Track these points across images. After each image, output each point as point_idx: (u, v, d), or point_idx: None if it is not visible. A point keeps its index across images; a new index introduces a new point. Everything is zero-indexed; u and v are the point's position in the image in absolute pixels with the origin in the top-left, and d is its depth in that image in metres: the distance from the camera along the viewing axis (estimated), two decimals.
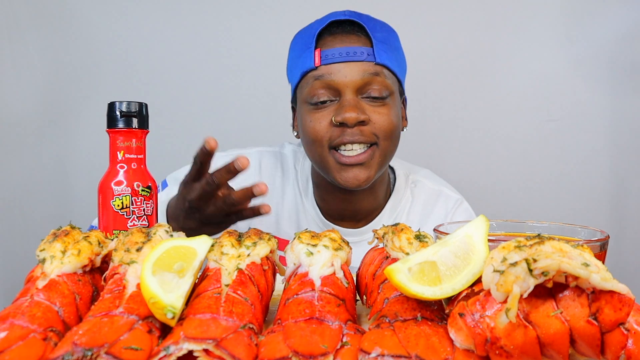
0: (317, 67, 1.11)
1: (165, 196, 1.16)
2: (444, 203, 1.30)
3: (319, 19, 1.19)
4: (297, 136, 1.23)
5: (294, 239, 0.67)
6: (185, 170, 1.26)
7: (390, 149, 1.15)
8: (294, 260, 0.64)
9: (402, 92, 1.21)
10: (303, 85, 1.15)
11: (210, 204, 1.00)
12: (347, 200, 1.23)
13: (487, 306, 0.48)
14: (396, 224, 0.71)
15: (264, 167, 1.31)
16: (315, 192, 1.28)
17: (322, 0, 1.36)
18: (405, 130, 1.24)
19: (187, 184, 1.02)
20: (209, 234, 0.85)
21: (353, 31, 1.14)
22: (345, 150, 1.11)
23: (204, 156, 0.98)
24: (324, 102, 1.12)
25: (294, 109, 1.25)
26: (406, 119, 1.25)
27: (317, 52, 1.11)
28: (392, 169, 1.33)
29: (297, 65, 1.15)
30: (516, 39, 2.01)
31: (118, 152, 0.87)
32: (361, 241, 1.20)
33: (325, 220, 1.27)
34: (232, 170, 0.97)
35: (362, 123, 1.09)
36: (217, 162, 1.33)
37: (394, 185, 1.31)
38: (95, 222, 1.25)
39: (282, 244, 1.26)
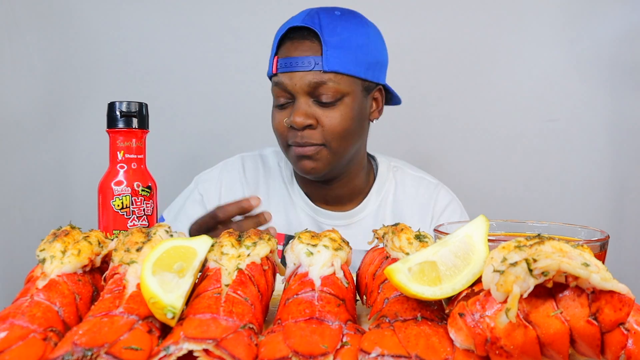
0: (275, 74, 1.21)
1: None
2: (426, 188, 1.40)
3: (287, 20, 1.25)
4: None
5: (294, 239, 0.67)
6: (178, 202, 1.38)
7: (342, 146, 1.22)
8: (294, 260, 0.64)
9: (369, 88, 1.25)
10: (272, 85, 1.25)
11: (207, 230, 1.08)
12: (325, 187, 1.32)
13: (487, 306, 0.48)
14: (396, 224, 0.71)
15: (247, 170, 1.41)
16: (300, 182, 1.37)
17: (323, 1, 1.37)
18: (374, 122, 1.31)
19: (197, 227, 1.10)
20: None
21: (308, 37, 1.18)
22: (296, 148, 1.21)
23: (239, 211, 1.06)
24: (283, 104, 1.21)
25: None
26: (378, 111, 1.31)
27: (275, 60, 1.20)
28: (373, 157, 1.43)
29: (268, 67, 1.25)
30: (516, 38, 2.01)
31: (118, 152, 0.88)
32: (351, 223, 1.34)
33: (314, 205, 1.35)
34: (243, 210, 1.06)
35: (310, 127, 1.18)
36: (202, 177, 1.39)
37: (377, 171, 1.40)
38: (165, 213, 1.32)
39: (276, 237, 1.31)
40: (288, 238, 1.32)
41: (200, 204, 1.35)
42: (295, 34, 1.20)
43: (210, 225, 1.07)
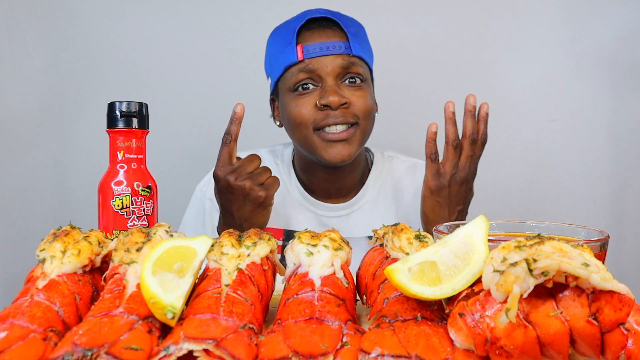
0: (300, 61, 1.21)
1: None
2: (420, 172, 1.40)
3: (294, 17, 1.28)
4: (280, 125, 1.33)
5: (294, 239, 0.67)
6: (189, 217, 1.41)
7: (368, 127, 1.26)
8: (294, 260, 0.64)
9: (372, 80, 1.32)
10: (287, 77, 1.24)
11: (237, 193, 1.07)
12: (332, 179, 1.33)
13: (487, 306, 0.48)
14: (396, 224, 0.71)
15: None
16: (302, 176, 1.38)
17: (322, 1, 1.37)
18: (376, 114, 1.34)
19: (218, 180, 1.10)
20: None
21: (329, 26, 1.24)
22: (329, 129, 1.21)
23: (235, 122, 1.08)
24: (307, 88, 1.22)
25: (273, 100, 1.34)
26: (376, 103, 1.35)
27: (299, 48, 1.21)
28: (367, 148, 1.46)
29: (279, 60, 1.25)
30: (516, 38, 2.01)
31: (118, 152, 0.88)
32: (350, 213, 1.36)
33: (313, 199, 1.36)
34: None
35: (343, 105, 1.20)
36: (204, 183, 1.40)
37: (372, 161, 1.43)
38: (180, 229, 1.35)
39: (275, 233, 1.32)
40: (287, 233, 1.32)
41: (213, 209, 1.35)
42: (315, 24, 1.24)
43: (232, 153, 1.08)
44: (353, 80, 1.22)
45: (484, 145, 1.12)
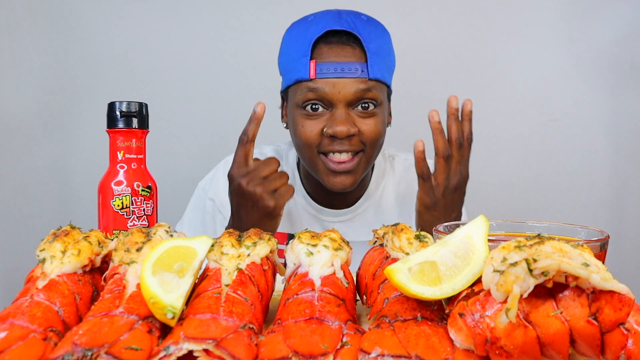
0: (312, 79, 1.14)
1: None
2: None
3: (314, 18, 1.19)
4: (287, 127, 1.29)
5: (294, 239, 0.67)
6: (188, 215, 1.38)
7: (374, 154, 1.21)
8: (294, 260, 0.64)
9: (389, 93, 1.25)
10: (296, 89, 1.18)
11: (249, 195, 1.04)
12: (336, 193, 1.29)
13: (487, 306, 0.48)
14: (396, 224, 0.71)
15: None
16: (305, 183, 1.35)
17: (323, 1, 1.36)
18: (390, 126, 1.29)
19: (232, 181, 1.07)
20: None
21: (348, 42, 1.15)
22: (333, 156, 1.16)
23: (255, 123, 1.04)
24: (316, 109, 1.16)
25: (283, 98, 1.28)
26: (390, 114, 1.30)
27: (312, 64, 1.13)
28: None
29: (292, 69, 1.18)
30: (516, 38, 2.01)
31: (118, 152, 0.88)
32: (353, 217, 1.34)
33: (315, 204, 1.34)
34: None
35: (351, 135, 1.14)
36: (206, 181, 1.38)
37: (374, 163, 1.38)
38: (178, 227, 1.38)
39: (280, 237, 1.31)
40: (290, 237, 1.31)
41: (215, 211, 1.33)
42: (333, 38, 1.15)
43: (248, 154, 1.05)
44: (366, 105, 1.15)
45: (471, 145, 1.08)
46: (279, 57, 1.26)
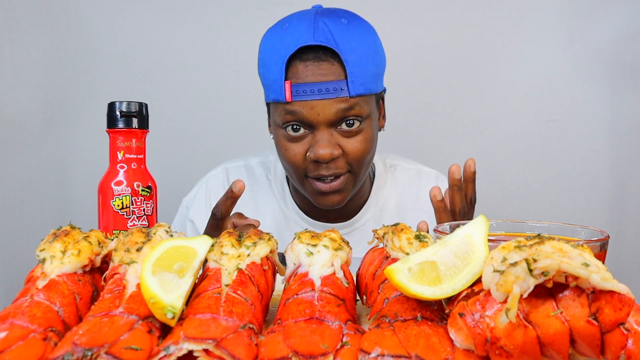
0: (288, 102, 1.06)
1: None
2: (426, 180, 1.32)
3: (288, 27, 1.09)
4: (273, 137, 1.22)
5: (294, 239, 0.67)
6: (175, 227, 1.33)
7: (362, 172, 1.15)
8: (294, 260, 0.64)
9: (378, 98, 1.17)
10: (275, 109, 1.11)
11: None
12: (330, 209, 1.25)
13: (487, 306, 0.48)
14: (396, 224, 0.71)
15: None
16: (295, 197, 1.30)
17: (323, 1, 1.37)
18: (383, 130, 1.23)
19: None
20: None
21: (326, 57, 1.05)
22: (319, 182, 1.12)
23: (230, 201, 0.98)
24: (297, 130, 1.09)
25: (268, 108, 1.20)
26: (384, 118, 1.23)
27: (287, 86, 1.04)
28: None
29: (269, 88, 1.11)
30: (516, 38, 2.01)
31: (118, 152, 0.87)
32: (351, 232, 1.27)
33: (311, 220, 1.28)
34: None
35: (335, 158, 1.09)
36: (188, 200, 1.36)
37: (374, 173, 1.33)
38: None
39: None
40: (281, 257, 1.29)
41: (195, 233, 1.28)
42: (307, 54, 1.05)
43: (221, 229, 0.99)
44: (351, 122, 1.07)
45: (474, 206, 1.04)
46: (257, 67, 1.18)
